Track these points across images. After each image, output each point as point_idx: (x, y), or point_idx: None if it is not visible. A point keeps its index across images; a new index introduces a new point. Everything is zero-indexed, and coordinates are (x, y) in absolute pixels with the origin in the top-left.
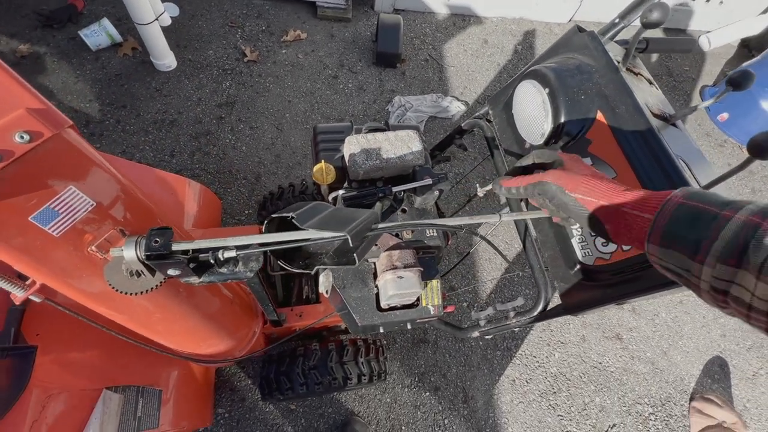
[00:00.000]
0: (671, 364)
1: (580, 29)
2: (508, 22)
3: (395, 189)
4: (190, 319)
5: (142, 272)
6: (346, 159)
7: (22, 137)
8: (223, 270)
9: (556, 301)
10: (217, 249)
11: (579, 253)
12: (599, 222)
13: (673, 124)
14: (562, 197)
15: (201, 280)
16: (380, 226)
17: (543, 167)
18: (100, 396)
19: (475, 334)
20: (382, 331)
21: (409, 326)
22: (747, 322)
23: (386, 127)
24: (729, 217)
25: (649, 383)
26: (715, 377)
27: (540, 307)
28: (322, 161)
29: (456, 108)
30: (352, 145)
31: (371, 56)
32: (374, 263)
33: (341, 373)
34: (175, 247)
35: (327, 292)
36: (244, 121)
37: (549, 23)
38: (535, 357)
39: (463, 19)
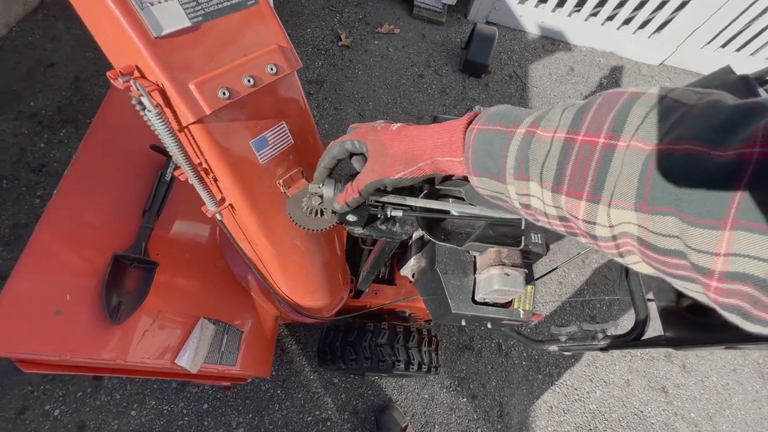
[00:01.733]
0: (715, 431)
1: (732, 71)
2: (597, 54)
3: None
4: (315, 267)
5: (324, 212)
6: None
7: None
8: (382, 227)
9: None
10: (390, 204)
11: None
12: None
13: None
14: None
15: (363, 231)
16: None
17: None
18: (198, 323)
19: (553, 348)
20: (463, 323)
21: (489, 325)
22: (548, 227)
23: None
24: (513, 132)
25: None
26: None
27: (635, 335)
28: None
29: None
30: None
31: (458, 62)
32: (475, 256)
33: (405, 356)
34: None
35: (413, 275)
36: (330, 101)
37: (638, 63)
38: (576, 389)
39: (552, 43)
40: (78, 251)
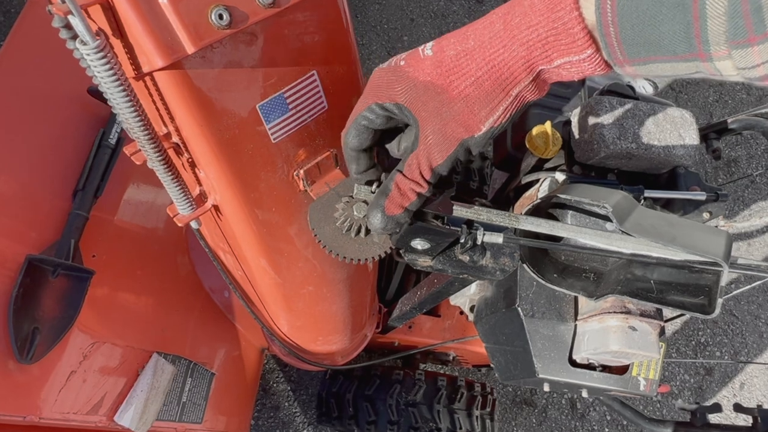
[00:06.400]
0: None
1: None
2: None
3: (649, 193)
4: (336, 301)
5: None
6: (578, 130)
7: None
8: (464, 257)
9: None
10: (481, 225)
11: None
12: None
13: None
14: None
15: (432, 263)
16: (741, 261)
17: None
18: (150, 361)
19: None
20: (547, 389)
21: (585, 393)
22: None
23: (634, 96)
24: None
25: None
26: None
27: None
28: (548, 123)
29: (641, 87)
30: (602, 112)
31: None
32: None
33: (447, 423)
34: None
35: (471, 309)
36: None
37: None
38: None
39: None
40: None
